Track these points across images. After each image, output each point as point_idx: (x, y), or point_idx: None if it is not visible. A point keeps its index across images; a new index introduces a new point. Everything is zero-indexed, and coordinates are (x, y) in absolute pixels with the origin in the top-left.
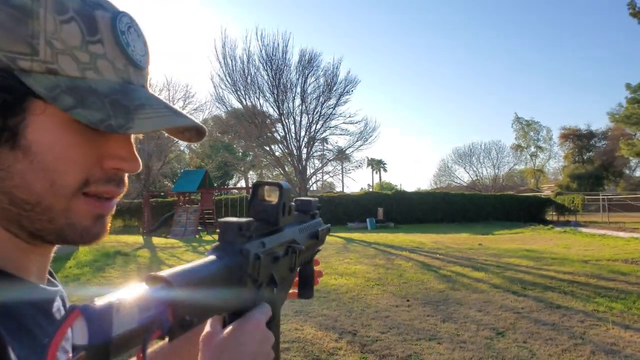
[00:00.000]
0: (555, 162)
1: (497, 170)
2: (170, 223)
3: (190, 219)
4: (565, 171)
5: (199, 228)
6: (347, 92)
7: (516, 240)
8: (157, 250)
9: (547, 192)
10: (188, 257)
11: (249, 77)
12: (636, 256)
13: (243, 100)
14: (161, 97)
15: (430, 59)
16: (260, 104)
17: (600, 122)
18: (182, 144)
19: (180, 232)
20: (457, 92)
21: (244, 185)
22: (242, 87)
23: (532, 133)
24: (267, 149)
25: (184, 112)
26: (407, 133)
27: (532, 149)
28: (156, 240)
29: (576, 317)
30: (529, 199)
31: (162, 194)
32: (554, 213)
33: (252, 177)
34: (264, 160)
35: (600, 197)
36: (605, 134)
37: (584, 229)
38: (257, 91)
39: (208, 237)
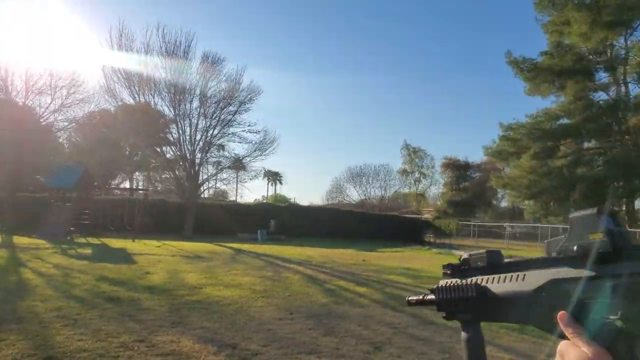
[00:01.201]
0: (436, 188)
1: (384, 192)
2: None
3: (61, 218)
4: (444, 197)
5: (71, 229)
6: (248, 100)
7: (397, 258)
8: (17, 250)
9: (427, 215)
10: (56, 259)
11: (145, 73)
12: None
13: (137, 95)
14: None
15: (337, 80)
16: (155, 102)
17: (477, 155)
18: (62, 135)
19: (49, 232)
20: (358, 113)
21: (127, 187)
22: (136, 82)
23: (417, 160)
24: (158, 150)
25: (68, 101)
26: (307, 148)
27: (417, 175)
28: (19, 239)
29: (446, 333)
30: (410, 221)
31: (31, 188)
32: (431, 235)
33: (138, 178)
34: (154, 161)
35: (472, 223)
36: (479, 166)
37: (456, 252)
38: (153, 88)
39: (82, 240)
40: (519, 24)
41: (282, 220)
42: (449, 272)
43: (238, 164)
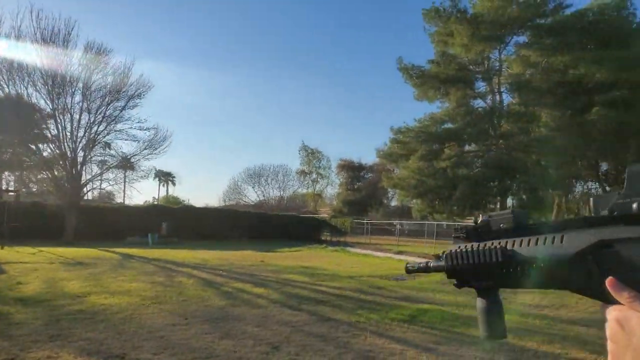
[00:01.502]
0: (332, 188)
1: (282, 192)
2: None
3: None
4: (340, 197)
5: None
6: (138, 95)
7: (296, 257)
8: None
9: (324, 214)
10: None
11: (16, 60)
12: (390, 272)
13: (6, 86)
14: None
15: (236, 79)
16: (28, 93)
17: (370, 157)
18: None
19: None
20: (257, 113)
21: None
22: (4, 70)
23: (315, 161)
24: (33, 147)
25: None
26: (203, 148)
27: (314, 175)
28: None
29: (342, 328)
30: (308, 220)
31: None
32: (328, 234)
33: (9, 178)
34: (27, 160)
35: (365, 221)
36: (372, 167)
37: (351, 249)
38: (26, 78)
39: None
40: (413, 32)
41: (175, 223)
42: (462, 235)
43: (126, 163)
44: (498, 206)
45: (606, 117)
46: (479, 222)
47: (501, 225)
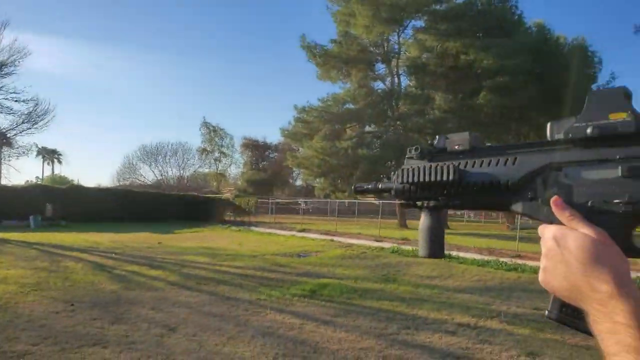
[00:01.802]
0: (236, 167)
1: (182, 171)
2: None
3: None
4: (244, 176)
5: None
6: (11, 62)
7: (196, 238)
8: None
9: (227, 194)
10: None
11: None
12: (293, 250)
13: None
14: None
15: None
16: None
17: (275, 136)
18: None
19: None
20: (155, 89)
21: None
22: None
23: (217, 139)
24: None
25: None
26: (95, 125)
27: (217, 154)
28: None
29: (242, 307)
30: (210, 200)
31: None
32: (231, 214)
33: None
34: None
35: (270, 200)
36: (277, 146)
37: (255, 228)
38: None
39: None
40: (318, 10)
41: (62, 204)
42: (416, 155)
43: (1, 139)
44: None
45: (491, 101)
46: (435, 142)
47: (456, 146)
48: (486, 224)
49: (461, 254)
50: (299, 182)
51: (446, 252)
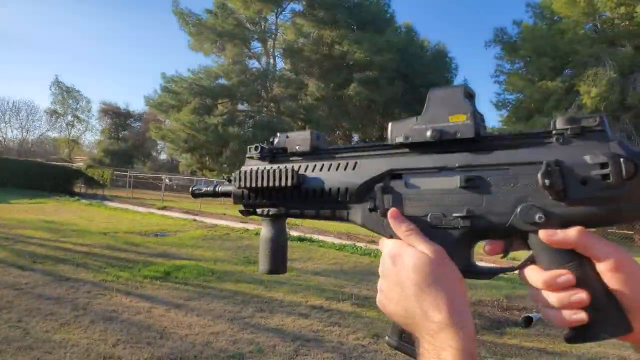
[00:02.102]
0: (92, 135)
1: (26, 134)
2: None
3: None
4: (101, 145)
5: None
6: None
7: (36, 210)
8: None
9: (79, 163)
10: None
11: None
12: (150, 229)
13: None
14: None
15: None
16: None
17: (138, 104)
18: None
19: None
20: None
21: None
22: None
23: (71, 101)
24: None
25: None
26: None
27: (70, 118)
28: None
29: (84, 289)
30: (57, 169)
31: None
32: (82, 185)
33: None
34: None
35: (128, 174)
36: (141, 115)
37: (109, 203)
38: None
39: None
40: None
41: None
42: (256, 155)
43: None
44: None
45: (360, 94)
46: (275, 140)
47: (297, 146)
48: None
49: (321, 237)
50: (163, 156)
51: (307, 235)
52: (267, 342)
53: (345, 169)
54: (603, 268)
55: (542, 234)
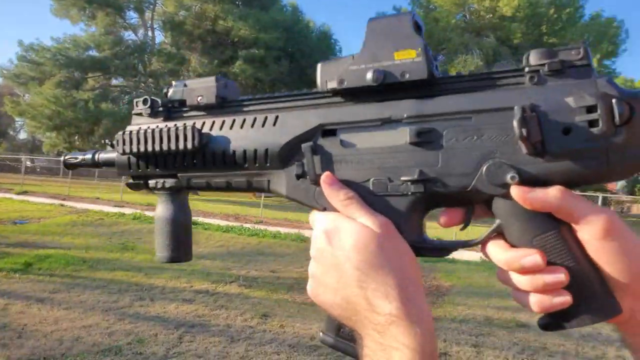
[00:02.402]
0: None
1: None
2: None
3: None
4: None
5: None
6: None
7: None
8: None
9: None
10: None
11: None
12: (7, 216)
13: None
14: None
15: None
16: None
17: None
18: None
19: None
20: None
21: None
22: None
23: None
24: None
25: None
26: None
27: None
28: None
29: None
30: None
31: None
32: None
33: None
34: None
35: None
36: None
37: None
38: None
39: None
40: None
41: None
42: (145, 111)
43: None
44: None
45: (246, 71)
46: (170, 91)
47: (199, 97)
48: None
49: (207, 220)
50: (23, 135)
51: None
52: (147, 332)
53: (263, 125)
54: (588, 235)
55: (517, 192)
